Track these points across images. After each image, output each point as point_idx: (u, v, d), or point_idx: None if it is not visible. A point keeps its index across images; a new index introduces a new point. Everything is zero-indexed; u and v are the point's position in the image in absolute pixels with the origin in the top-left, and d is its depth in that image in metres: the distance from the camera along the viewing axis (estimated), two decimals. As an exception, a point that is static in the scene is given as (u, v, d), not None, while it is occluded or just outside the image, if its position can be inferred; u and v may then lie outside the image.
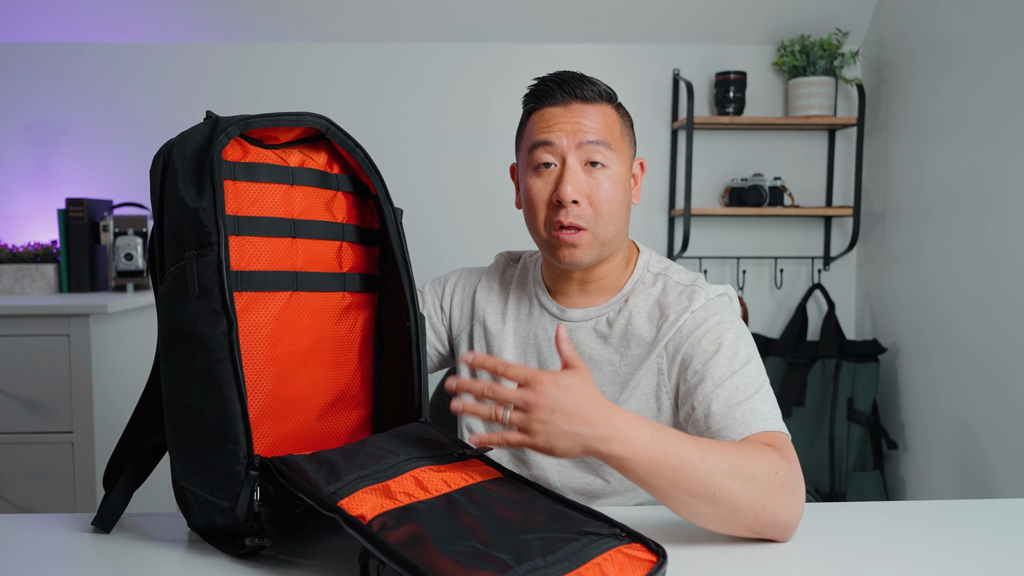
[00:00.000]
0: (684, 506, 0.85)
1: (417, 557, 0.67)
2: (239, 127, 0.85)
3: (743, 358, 1.01)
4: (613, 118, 1.07)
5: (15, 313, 1.98)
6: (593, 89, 1.06)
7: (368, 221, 1.03)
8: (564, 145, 1.04)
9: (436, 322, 1.22)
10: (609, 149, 1.04)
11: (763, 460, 0.87)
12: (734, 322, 1.06)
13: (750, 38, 2.67)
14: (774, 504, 0.86)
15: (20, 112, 2.61)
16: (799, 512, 0.88)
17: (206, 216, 0.81)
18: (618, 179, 1.05)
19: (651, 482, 0.84)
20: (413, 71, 2.66)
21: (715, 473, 0.84)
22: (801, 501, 0.88)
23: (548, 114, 1.06)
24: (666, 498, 0.85)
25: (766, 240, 2.76)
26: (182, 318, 0.82)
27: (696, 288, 1.08)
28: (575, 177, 1.03)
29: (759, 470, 0.86)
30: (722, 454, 0.86)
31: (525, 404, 0.82)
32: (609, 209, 1.04)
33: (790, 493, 0.87)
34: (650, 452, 0.83)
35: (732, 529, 0.87)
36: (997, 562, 0.84)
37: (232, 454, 0.79)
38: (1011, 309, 1.99)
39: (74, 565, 0.84)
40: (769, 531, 0.87)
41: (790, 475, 0.88)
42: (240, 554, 0.83)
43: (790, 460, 0.90)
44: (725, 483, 0.84)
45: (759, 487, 0.85)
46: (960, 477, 2.21)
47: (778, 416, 0.97)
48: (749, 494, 0.85)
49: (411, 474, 0.81)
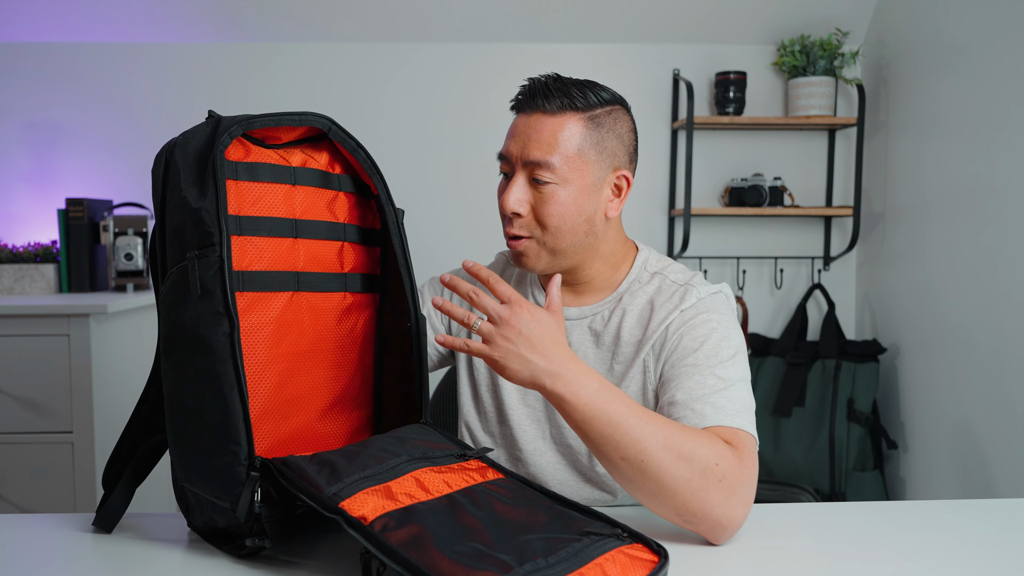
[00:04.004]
0: (614, 467, 0.88)
1: (419, 558, 0.67)
2: (242, 127, 0.85)
3: (723, 356, 1.00)
4: (574, 131, 1.02)
5: (15, 313, 1.98)
6: (558, 101, 1.02)
7: (369, 221, 1.03)
8: (514, 159, 1.05)
9: (436, 322, 1.22)
10: (554, 170, 1.02)
11: (706, 447, 0.87)
12: (723, 320, 1.04)
13: (750, 38, 2.67)
14: (707, 495, 0.85)
15: (20, 112, 2.61)
16: (738, 514, 0.86)
17: (208, 216, 0.81)
18: (568, 196, 1.02)
19: (587, 432, 0.88)
20: (413, 71, 2.66)
21: (649, 440, 0.85)
22: (743, 504, 0.87)
23: (515, 123, 1.06)
24: (600, 454, 0.89)
25: (766, 240, 2.76)
26: (183, 318, 0.82)
27: (689, 287, 1.07)
28: (518, 190, 1.04)
29: (697, 454, 0.86)
30: (662, 426, 0.87)
31: (499, 318, 0.89)
32: (556, 223, 1.03)
33: (729, 490, 0.86)
34: (591, 401, 0.87)
35: (661, 507, 0.87)
36: (997, 562, 0.84)
37: (233, 455, 0.79)
38: (1011, 309, 1.99)
39: (74, 565, 0.84)
40: (700, 524, 0.86)
41: (734, 472, 0.87)
42: (240, 554, 0.83)
43: (742, 459, 0.89)
44: (656, 453, 0.85)
45: (692, 471, 0.85)
46: (960, 477, 2.21)
47: (746, 415, 0.95)
48: (679, 474, 0.85)
49: (412, 475, 0.81)
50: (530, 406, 1.13)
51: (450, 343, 0.91)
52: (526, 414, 1.13)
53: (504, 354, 0.89)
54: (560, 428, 1.11)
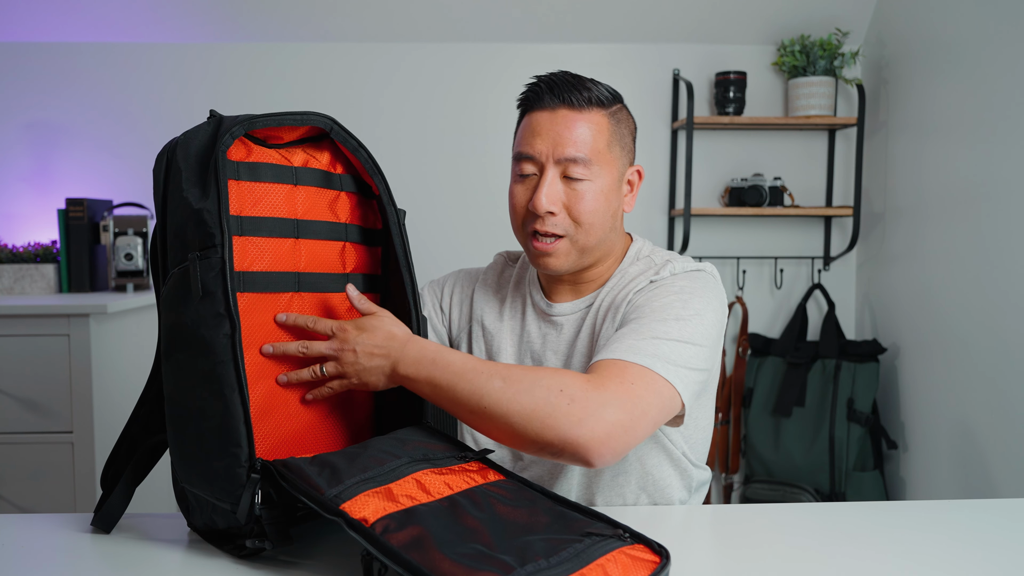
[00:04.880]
0: (469, 422, 0.90)
1: (420, 559, 0.67)
2: (244, 127, 0.85)
3: (669, 315, 0.97)
4: (602, 127, 1.03)
5: (15, 313, 1.98)
6: (584, 95, 1.03)
7: (371, 221, 1.03)
8: (543, 157, 1.03)
9: (436, 323, 1.22)
10: (589, 166, 1.02)
11: (547, 377, 0.88)
12: (693, 290, 1.01)
13: (750, 38, 2.67)
14: (557, 423, 0.85)
15: (20, 112, 2.61)
16: (595, 434, 0.85)
17: (210, 217, 0.81)
18: (600, 191, 1.03)
19: (439, 402, 0.90)
20: (412, 71, 2.66)
21: (485, 387, 0.87)
22: (601, 424, 0.85)
23: (535, 120, 1.04)
24: (457, 414, 0.90)
25: (766, 240, 2.76)
26: (184, 320, 0.82)
27: (667, 262, 1.07)
28: (552, 188, 1.02)
29: (538, 384, 0.87)
30: (499, 371, 0.88)
31: (334, 352, 0.91)
32: (589, 220, 1.03)
33: (582, 410, 0.85)
34: (431, 371, 0.89)
35: (525, 446, 0.88)
36: (997, 562, 0.84)
37: (234, 457, 0.79)
38: (1011, 309, 1.99)
39: (74, 565, 0.84)
40: (564, 450, 0.86)
41: (584, 395, 0.86)
42: (241, 555, 0.83)
43: (597, 382, 0.88)
44: (494, 395, 0.87)
45: (535, 401, 0.86)
46: (960, 477, 2.21)
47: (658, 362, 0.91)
48: (522, 407, 0.86)
49: (413, 477, 0.81)
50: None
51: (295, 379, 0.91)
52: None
53: (357, 374, 0.91)
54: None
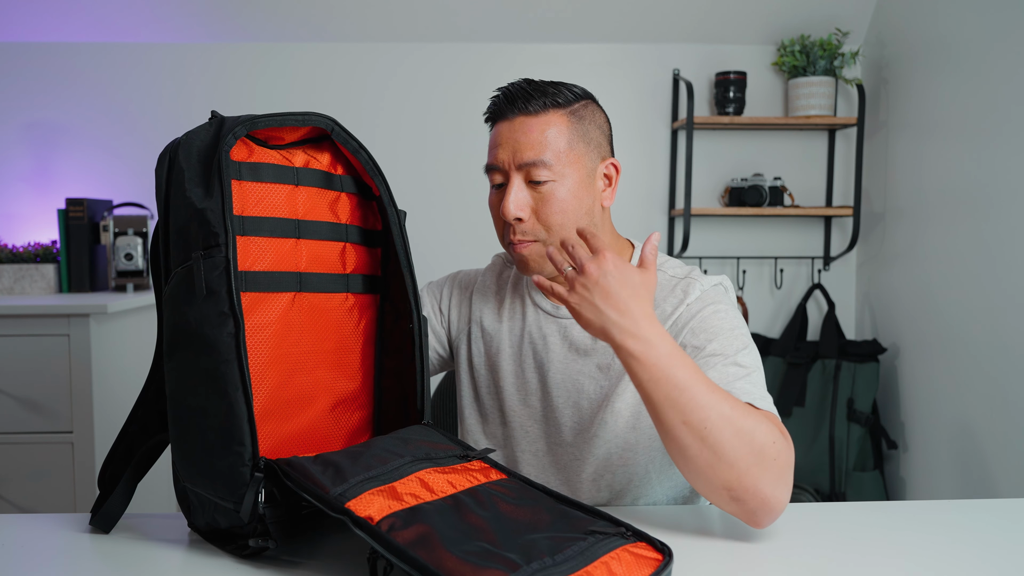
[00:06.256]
0: (675, 432, 0.86)
1: (427, 557, 0.67)
2: (246, 127, 0.85)
3: (738, 345, 1.00)
4: (561, 128, 1.04)
5: (15, 313, 1.98)
6: (539, 101, 1.04)
7: (371, 222, 1.03)
8: (507, 164, 1.05)
9: (435, 324, 1.22)
10: (551, 168, 1.03)
11: (764, 425, 0.87)
12: (729, 311, 1.05)
13: (750, 38, 2.67)
14: (761, 473, 0.84)
15: (20, 112, 2.61)
16: (783, 497, 0.86)
17: (214, 217, 0.81)
18: (568, 192, 1.04)
19: (650, 392, 0.86)
20: (412, 71, 2.66)
21: (714, 409, 0.85)
22: (788, 488, 0.87)
23: (497, 131, 1.07)
24: (660, 418, 0.87)
25: (766, 240, 2.76)
26: (188, 319, 0.82)
27: (691, 280, 1.08)
28: (518, 195, 1.04)
29: (758, 431, 0.86)
30: (727, 399, 0.86)
31: (581, 267, 0.89)
32: (560, 220, 1.04)
33: (780, 472, 0.86)
34: (660, 362, 0.86)
35: (713, 482, 0.86)
36: (997, 562, 0.84)
37: (237, 456, 0.79)
38: (1011, 309, 1.99)
39: (74, 565, 0.84)
40: (750, 501, 0.85)
41: (786, 455, 0.87)
42: (243, 554, 0.83)
43: (789, 443, 0.89)
44: (719, 424, 0.84)
45: (752, 448, 0.85)
46: (960, 477, 2.21)
47: (771, 401, 0.96)
48: (739, 447, 0.84)
49: (416, 476, 0.81)
50: (531, 407, 1.13)
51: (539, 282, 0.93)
52: (527, 415, 1.13)
53: (580, 301, 0.89)
54: (560, 429, 1.11)
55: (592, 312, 0.88)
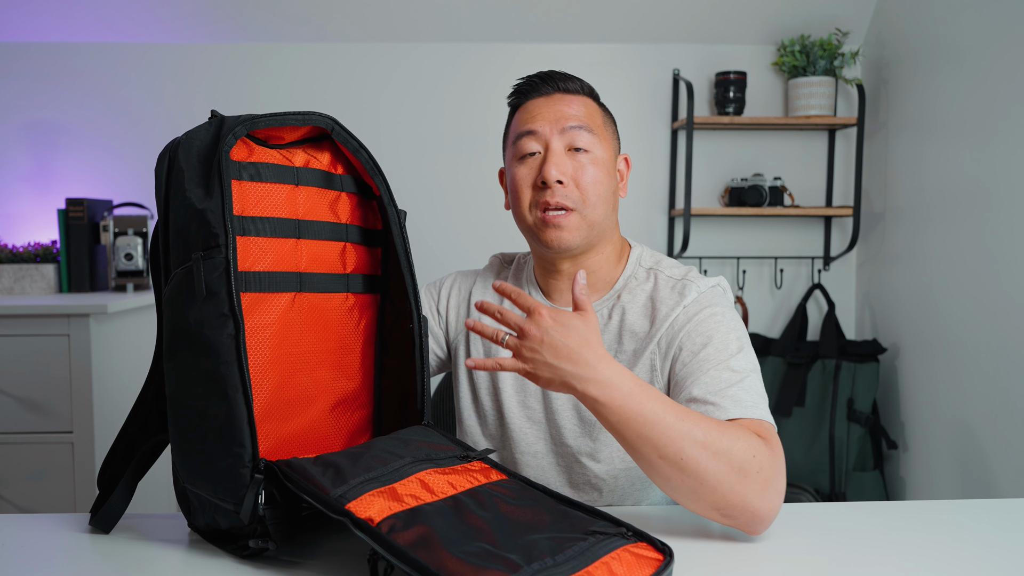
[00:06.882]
0: (652, 466, 0.86)
1: (428, 558, 0.67)
2: (246, 127, 0.85)
3: (733, 349, 1.00)
4: (595, 109, 1.10)
5: (15, 313, 1.98)
6: (575, 83, 1.10)
7: (371, 222, 1.03)
8: (547, 131, 1.07)
9: (434, 326, 1.22)
10: (592, 134, 1.07)
11: (741, 441, 0.87)
12: (726, 313, 1.05)
13: (750, 38, 2.67)
14: (745, 488, 0.85)
15: (20, 112, 2.61)
16: (774, 505, 0.86)
17: (214, 217, 0.81)
18: (603, 164, 1.07)
19: (623, 432, 0.86)
20: (412, 71, 2.66)
21: (686, 438, 0.84)
22: (778, 494, 0.87)
23: (531, 106, 1.10)
24: (636, 454, 0.87)
25: (766, 240, 2.76)
26: (188, 320, 0.82)
27: (687, 282, 1.08)
28: (559, 158, 1.05)
29: (735, 449, 0.86)
30: (699, 424, 0.86)
31: (520, 330, 0.88)
32: (596, 191, 1.06)
33: (765, 482, 0.86)
34: (625, 403, 0.85)
35: (700, 504, 0.86)
36: (997, 562, 0.84)
37: (237, 457, 0.79)
38: (1011, 309, 1.99)
39: (74, 565, 0.84)
40: (739, 516, 0.86)
41: (769, 464, 0.87)
42: (243, 555, 0.83)
43: (773, 450, 0.89)
44: (694, 451, 0.84)
45: (731, 466, 0.85)
46: (960, 477, 2.21)
47: (763, 405, 0.96)
48: (718, 469, 0.84)
49: (416, 477, 0.81)
50: (530, 408, 1.13)
51: (480, 365, 0.89)
52: (526, 416, 1.13)
53: (533, 365, 0.87)
54: (560, 430, 1.11)
55: (548, 371, 0.87)
